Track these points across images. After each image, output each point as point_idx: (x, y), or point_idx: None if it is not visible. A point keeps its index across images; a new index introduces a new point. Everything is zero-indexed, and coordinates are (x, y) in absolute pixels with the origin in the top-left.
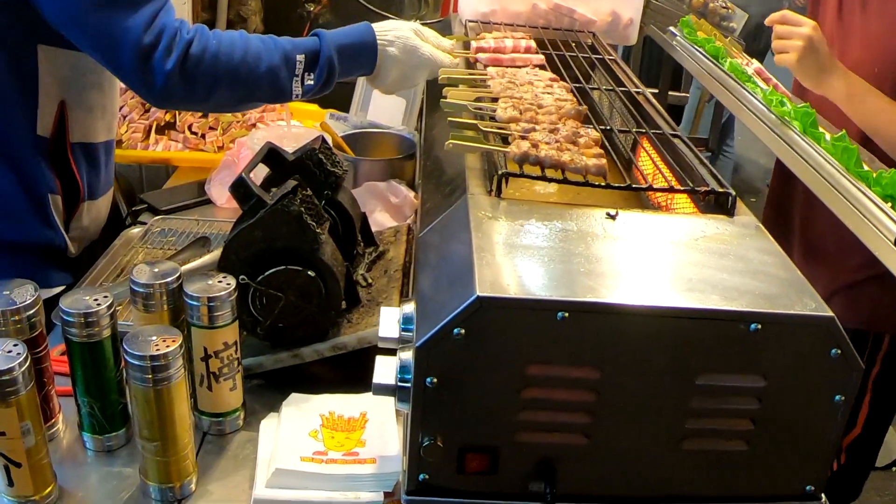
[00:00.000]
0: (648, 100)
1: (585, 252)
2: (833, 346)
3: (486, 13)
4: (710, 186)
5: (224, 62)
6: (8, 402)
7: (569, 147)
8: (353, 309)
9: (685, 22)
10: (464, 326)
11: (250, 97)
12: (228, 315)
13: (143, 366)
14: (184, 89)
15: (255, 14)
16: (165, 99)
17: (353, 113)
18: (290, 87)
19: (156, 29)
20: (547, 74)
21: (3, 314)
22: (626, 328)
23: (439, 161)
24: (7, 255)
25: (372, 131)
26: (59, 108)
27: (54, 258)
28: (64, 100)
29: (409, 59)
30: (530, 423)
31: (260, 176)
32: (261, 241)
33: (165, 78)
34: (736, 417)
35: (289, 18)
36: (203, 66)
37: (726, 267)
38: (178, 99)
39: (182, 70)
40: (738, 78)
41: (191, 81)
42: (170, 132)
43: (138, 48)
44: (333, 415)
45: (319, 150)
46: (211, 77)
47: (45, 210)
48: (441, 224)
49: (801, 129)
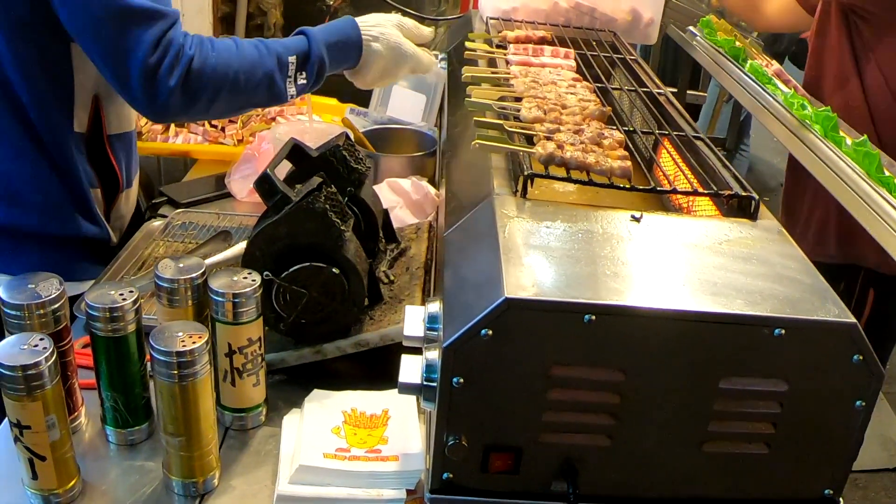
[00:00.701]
0: (670, 100)
1: (611, 254)
2: (855, 353)
3: (507, 10)
4: (734, 190)
5: (223, 74)
6: (34, 396)
7: (594, 148)
8: (375, 306)
9: (705, 22)
10: (491, 327)
11: (248, 104)
12: (253, 311)
13: (169, 361)
14: (184, 104)
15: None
16: (164, 114)
17: (373, 108)
18: (284, 88)
19: (163, 45)
20: (570, 74)
21: (28, 308)
22: (651, 331)
23: (463, 160)
24: (53, 249)
25: (392, 127)
26: (93, 102)
27: (96, 250)
28: (97, 94)
29: (392, 56)
30: (554, 423)
31: (282, 171)
32: (285, 237)
33: (168, 94)
34: (757, 421)
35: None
36: (204, 80)
37: (750, 271)
38: (177, 112)
39: (185, 86)
40: (759, 80)
41: (192, 96)
42: (189, 125)
43: (145, 65)
44: (356, 411)
45: (343, 147)
46: (212, 90)
47: (88, 205)
48: (466, 223)
49: (822, 133)
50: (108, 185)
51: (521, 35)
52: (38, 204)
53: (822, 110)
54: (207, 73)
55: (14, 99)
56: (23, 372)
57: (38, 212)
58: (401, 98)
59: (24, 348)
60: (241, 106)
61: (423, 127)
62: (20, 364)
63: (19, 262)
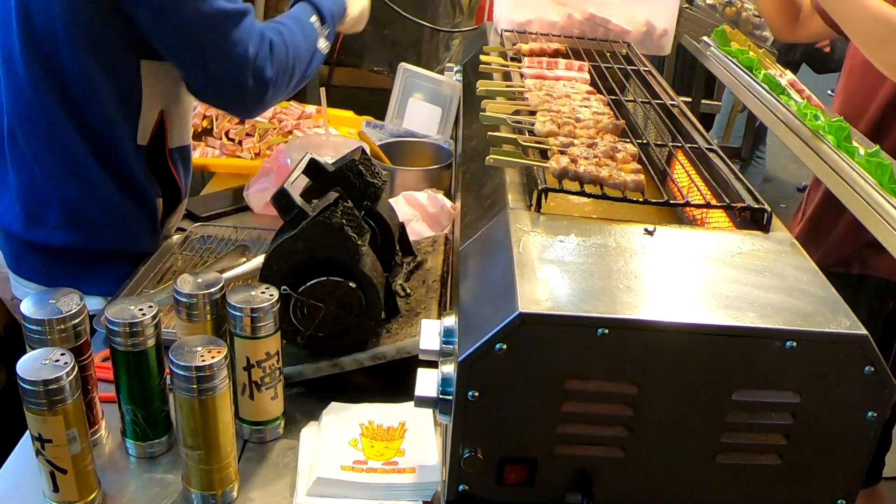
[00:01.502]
0: (683, 112)
1: (624, 268)
2: (867, 364)
3: (521, 23)
4: (746, 202)
5: (294, 53)
6: (55, 411)
7: (607, 162)
8: (392, 319)
9: (719, 32)
10: (506, 341)
11: (304, 79)
12: (271, 326)
13: (188, 376)
14: (277, 92)
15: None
16: (259, 105)
17: (389, 120)
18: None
19: (256, 37)
20: (584, 87)
21: (49, 323)
22: (665, 344)
23: (478, 173)
24: (126, 265)
25: (408, 140)
26: (158, 117)
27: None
28: (163, 109)
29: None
30: (569, 435)
31: (299, 186)
32: (302, 252)
33: (267, 84)
34: (770, 432)
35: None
36: (286, 63)
37: (762, 284)
38: (271, 102)
39: (279, 74)
40: (773, 90)
41: (281, 81)
42: (207, 138)
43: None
44: (373, 424)
45: (360, 161)
46: (291, 72)
47: (154, 216)
48: (481, 238)
49: (835, 144)
50: (170, 196)
51: (536, 48)
52: (109, 224)
53: (836, 121)
54: (287, 56)
55: (81, 119)
56: (44, 387)
57: (109, 232)
58: (417, 110)
59: (45, 363)
60: (300, 81)
61: (439, 139)
62: (42, 379)
63: (90, 280)
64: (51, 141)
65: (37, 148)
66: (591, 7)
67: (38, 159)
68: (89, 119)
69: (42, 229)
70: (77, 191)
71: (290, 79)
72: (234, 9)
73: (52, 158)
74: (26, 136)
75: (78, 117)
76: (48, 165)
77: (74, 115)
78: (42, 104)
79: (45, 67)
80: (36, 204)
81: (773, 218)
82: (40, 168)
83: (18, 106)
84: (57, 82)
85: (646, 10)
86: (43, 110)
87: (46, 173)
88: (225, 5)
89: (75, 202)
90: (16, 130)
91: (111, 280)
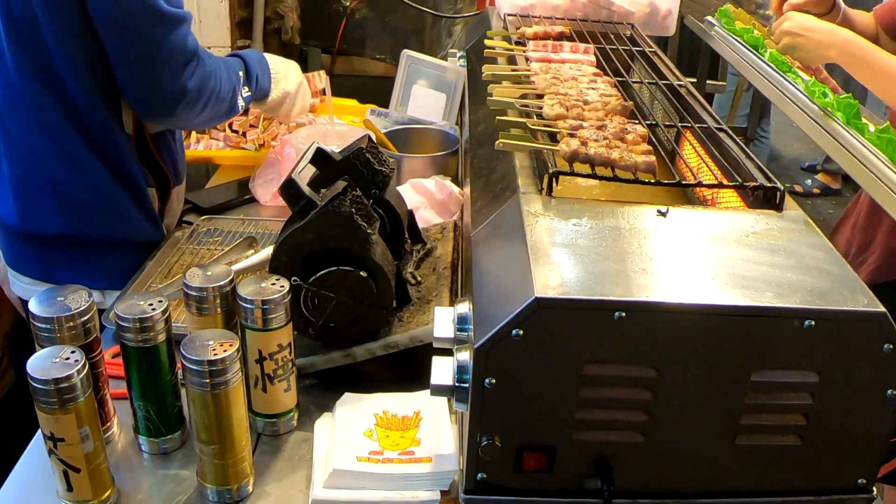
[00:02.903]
0: (690, 92)
1: (639, 250)
2: (886, 342)
3: (524, 7)
4: (759, 182)
5: (216, 79)
6: (67, 409)
7: (617, 144)
8: (403, 307)
9: (723, 12)
10: (522, 327)
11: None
12: (282, 317)
13: (200, 370)
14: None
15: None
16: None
17: (394, 108)
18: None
19: (189, 46)
20: (590, 69)
21: (58, 321)
22: (682, 326)
23: (487, 159)
24: (117, 255)
25: (414, 127)
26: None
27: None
28: None
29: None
30: (587, 421)
31: (306, 176)
32: (312, 242)
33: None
34: (789, 413)
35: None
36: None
37: (778, 263)
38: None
39: (199, 89)
40: (779, 68)
41: (196, 99)
42: (210, 131)
43: (176, 64)
44: (387, 414)
45: (367, 149)
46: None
47: (147, 205)
48: (493, 223)
49: (845, 121)
50: (161, 184)
51: (540, 31)
52: (102, 210)
53: (844, 97)
54: (208, 76)
55: (69, 104)
56: (55, 385)
57: (102, 218)
58: (421, 97)
59: (55, 362)
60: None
61: (445, 126)
62: (52, 378)
63: (85, 272)
64: (40, 128)
65: (27, 135)
66: None
67: (29, 147)
68: (76, 104)
69: (36, 218)
70: (69, 177)
71: (205, 103)
72: (170, 13)
73: (42, 145)
74: (17, 123)
75: (65, 103)
76: (39, 153)
77: (62, 101)
78: (30, 90)
79: (29, 53)
80: (29, 192)
81: (786, 196)
82: (32, 156)
83: (7, 94)
84: (42, 68)
85: None
86: (31, 97)
87: (38, 161)
88: (162, 7)
89: (67, 189)
90: (6, 119)
91: (110, 272)
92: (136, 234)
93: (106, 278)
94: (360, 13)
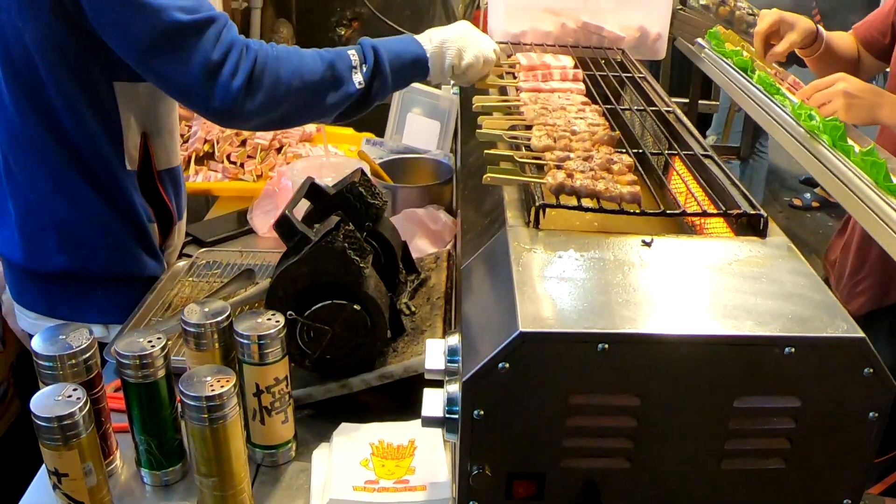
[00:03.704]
0: (679, 118)
1: (623, 281)
2: (866, 366)
3: (515, 34)
4: (742, 209)
5: (288, 71)
6: (70, 446)
7: (603, 175)
8: (398, 338)
9: (713, 34)
10: (508, 360)
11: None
12: (279, 351)
13: (199, 406)
14: (254, 104)
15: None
16: (234, 116)
17: (389, 136)
18: (350, 78)
19: (222, 48)
20: (579, 98)
21: (60, 359)
22: (665, 356)
23: (477, 190)
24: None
25: (408, 157)
26: (141, 139)
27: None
28: (145, 131)
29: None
30: (575, 449)
31: (301, 209)
32: (306, 276)
33: (236, 94)
34: (773, 437)
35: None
36: (270, 77)
37: (760, 290)
38: (250, 113)
39: (250, 85)
40: (767, 91)
41: (259, 94)
42: (209, 162)
43: (206, 71)
44: (383, 443)
45: (360, 183)
46: (279, 88)
47: (149, 240)
48: (482, 256)
49: (830, 143)
50: (163, 220)
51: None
52: (104, 246)
53: (830, 120)
54: (271, 70)
55: (68, 142)
56: (58, 423)
57: (104, 254)
58: (416, 125)
59: (58, 399)
60: (309, 104)
61: (439, 154)
62: (56, 415)
63: (88, 308)
64: (41, 165)
65: (29, 173)
66: (585, 15)
67: (31, 185)
68: (75, 142)
69: (40, 255)
70: (71, 214)
71: (281, 96)
72: (192, 20)
73: (44, 183)
74: (18, 162)
75: (65, 142)
76: (41, 190)
77: (61, 141)
78: (29, 130)
79: (27, 92)
80: (33, 230)
81: (770, 222)
82: (34, 193)
83: (8, 132)
84: (40, 106)
85: (639, 15)
86: (31, 136)
87: (40, 198)
88: (181, 17)
89: (70, 225)
90: (10, 158)
91: (112, 307)
92: (138, 269)
93: (109, 313)
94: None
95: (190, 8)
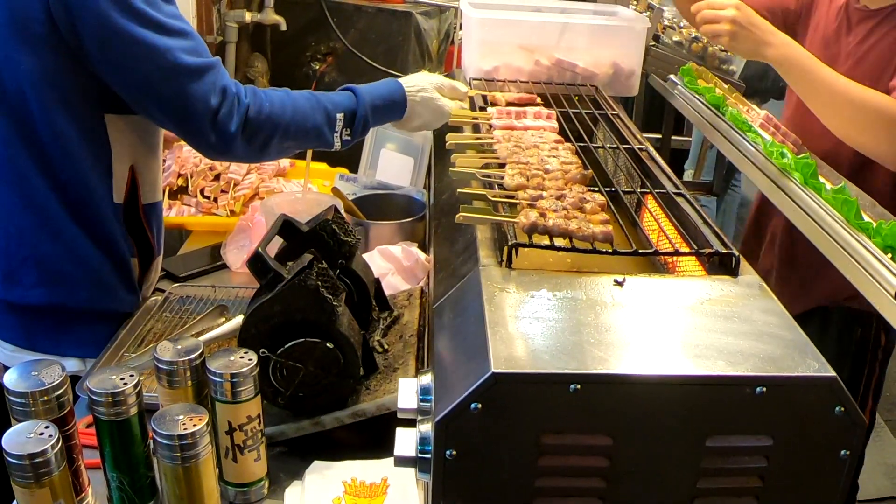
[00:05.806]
0: (651, 156)
1: (595, 322)
2: (837, 405)
3: (489, 71)
4: (714, 248)
5: (276, 123)
6: (42, 483)
7: (576, 214)
8: (370, 376)
9: (686, 70)
10: (480, 401)
11: (298, 148)
12: (251, 390)
13: (171, 444)
14: (244, 148)
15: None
16: (225, 155)
17: (363, 172)
18: (332, 140)
19: (218, 91)
20: (552, 136)
21: (32, 395)
22: (637, 396)
23: (450, 228)
24: (99, 325)
25: (382, 193)
26: (129, 173)
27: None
28: (133, 165)
29: (432, 115)
30: (547, 489)
31: (275, 246)
32: (279, 314)
33: (231, 138)
34: (745, 475)
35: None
36: (260, 127)
37: (731, 330)
38: (238, 156)
39: (243, 132)
40: (739, 128)
41: (250, 141)
42: (182, 196)
43: (208, 112)
44: (356, 481)
45: (333, 221)
46: (267, 136)
47: (129, 275)
48: (455, 295)
49: (802, 181)
50: (144, 254)
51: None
52: (85, 281)
53: (802, 157)
54: (263, 120)
55: (54, 175)
56: (30, 460)
57: (84, 289)
58: (389, 161)
59: (30, 437)
60: (291, 149)
61: (412, 190)
62: (27, 453)
63: (66, 341)
64: (24, 198)
65: (10, 206)
66: (558, 52)
67: (11, 218)
68: (62, 176)
69: (19, 288)
70: (52, 249)
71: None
72: (194, 63)
73: (25, 216)
74: (1, 195)
75: (51, 174)
76: (21, 225)
77: (47, 172)
78: (14, 161)
79: (15, 123)
80: (12, 264)
81: (742, 261)
82: (14, 227)
83: None
84: (28, 138)
85: (612, 52)
86: (15, 167)
87: (21, 232)
88: (185, 59)
89: (51, 260)
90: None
91: (90, 341)
92: (116, 304)
93: (87, 346)
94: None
95: (193, 50)
